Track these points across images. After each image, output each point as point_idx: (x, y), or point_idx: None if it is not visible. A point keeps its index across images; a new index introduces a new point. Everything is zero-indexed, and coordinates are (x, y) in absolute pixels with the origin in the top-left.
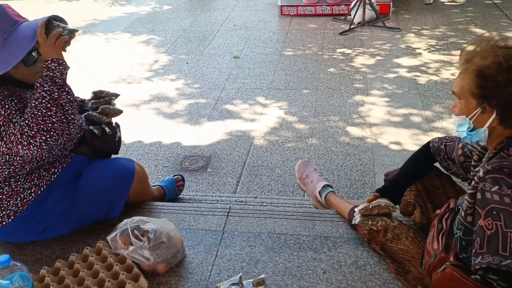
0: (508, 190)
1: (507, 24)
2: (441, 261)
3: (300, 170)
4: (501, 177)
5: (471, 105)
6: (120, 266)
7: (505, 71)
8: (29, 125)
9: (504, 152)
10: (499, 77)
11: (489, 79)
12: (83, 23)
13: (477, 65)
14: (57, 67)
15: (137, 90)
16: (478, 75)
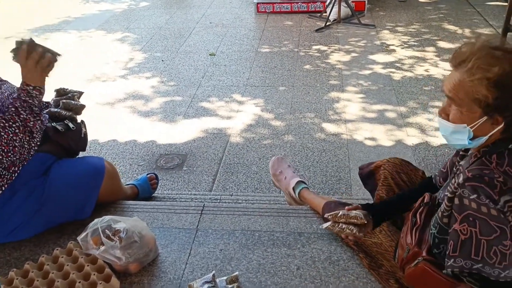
0: (486, 199)
1: (479, 21)
2: (414, 255)
3: (274, 166)
4: (480, 186)
5: (475, 114)
6: (91, 267)
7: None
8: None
9: (486, 159)
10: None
11: (508, 90)
12: (56, 21)
13: (495, 74)
14: (38, 95)
15: (112, 88)
16: (496, 85)
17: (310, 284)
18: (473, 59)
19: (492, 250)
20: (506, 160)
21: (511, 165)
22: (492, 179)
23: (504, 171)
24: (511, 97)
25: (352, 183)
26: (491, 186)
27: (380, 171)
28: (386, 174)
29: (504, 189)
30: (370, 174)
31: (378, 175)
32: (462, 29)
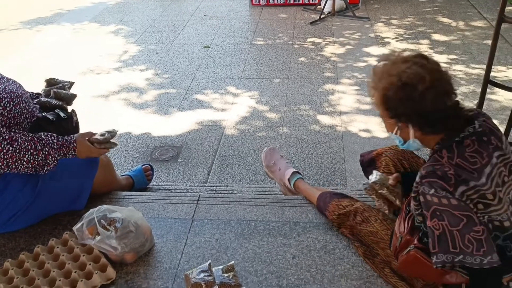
0: (442, 192)
1: (473, 14)
2: (406, 243)
3: (267, 158)
4: (434, 181)
5: (391, 123)
6: (87, 257)
7: (401, 89)
8: (4, 150)
9: (437, 155)
10: (398, 95)
11: (391, 100)
12: (49, 13)
13: (379, 89)
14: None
15: (106, 81)
16: (382, 98)
17: (306, 272)
18: (372, 74)
19: (466, 238)
20: (456, 152)
21: (462, 157)
22: (444, 173)
23: (456, 164)
24: (396, 106)
25: (347, 175)
26: (445, 179)
27: (381, 158)
28: (387, 161)
29: (458, 180)
30: (371, 161)
31: (379, 163)
32: (456, 22)
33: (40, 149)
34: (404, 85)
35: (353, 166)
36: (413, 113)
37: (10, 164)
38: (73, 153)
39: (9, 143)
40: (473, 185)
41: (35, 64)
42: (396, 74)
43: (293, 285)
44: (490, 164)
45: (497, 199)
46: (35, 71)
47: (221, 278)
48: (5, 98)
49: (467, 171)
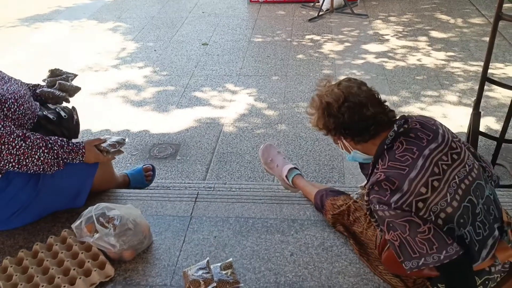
0: (381, 205)
1: (471, 11)
2: (385, 241)
3: (264, 155)
4: (373, 196)
5: (333, 138)
6: (86, 254)
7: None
8: (17, 146)
9: (376, 168)
10: (321, 114)
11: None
12: (47, 10)
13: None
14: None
15: (104, 78)
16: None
17: (304, 269)
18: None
19: (417, 242)
20: (387, 157)
21: (393, 159)
22: (378, 183)
23: (387, 167)
24: (324, 124)
25: (345, 172)
26: (381, 191)
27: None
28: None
29: (392, 189)
30: None
31: None
32: (454, 19)
33: (51, 148)
34: (321, 104)
35: (351, 163)
36: (338, 125)
37: (22, 160)
38: (80, 159)
39: (23, 139)
40: (407, 188)
41: (33, 61)
42: (316, 96)
43: (291, 282)
44: (422, 156)
45: (430, 190)
46: (33, 68)
47: (219, 275)
48: (10, 99)
49: (396, 170)
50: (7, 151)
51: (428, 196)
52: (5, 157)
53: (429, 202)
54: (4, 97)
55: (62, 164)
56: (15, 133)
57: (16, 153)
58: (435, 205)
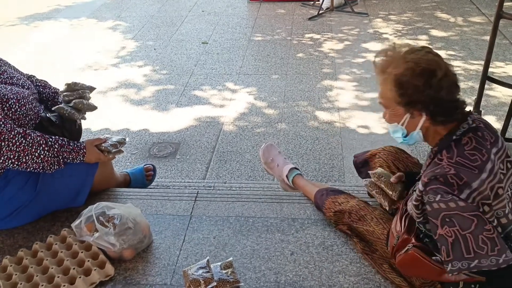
0: (448, 195)
1: (471, 9)
2: (403, 242)
3: (265, 154)
4: (437, 187)
5: (399, 112)
6: (85, 253)
7: (420, 75)
8: (17, 143)
9: (437, 158)
10: (416, 82)
11: (408, 86)
12: (47, 9)
13: (393, 74)
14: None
15: (104, 77)
16: (396, 84)
17: (304, 269)
18: (379, 67)
19: (480, 240)
20: (455, 151)
21: (462, 155)
22: (445, 176)
23: (455, 162)
24: (413, 92)
25: (345, 171)
26: (447, 184)
27: (375, 159)
28: (381, 162)
29: (460, 184)
30: (365, 162)
31: (373, 163)
32: (454, 18)
33: (51, 146)
34: (423, 70)
35: (351, 162)
36: (430, 100)
37: (21, 157)
38: (81, 159)
39: (23, 136)
40: (476, 186)
41: (33, 60)
42: (413, 60)
43: (291, 281)
44: (490, 160)
45: (492, 197)
46: (32, 67)
47: (219, 275)
48: (12, 99)
49: (467, 168)
50: (7, 148)
51: (490, 202)
52: (4, 153)
53: (493, 207)
54: (6, 97)
55: (63, 163)
56: (15, 130)
57: (16, 150)
58: (497, 210)
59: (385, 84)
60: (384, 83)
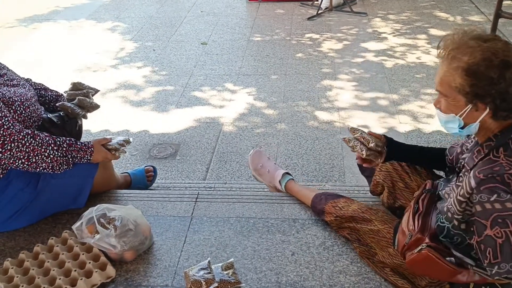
0: (506, 195)
1: (470, 8)
2: (416, 241)
3: (254, 161)
4: (495, 186)
5: (460, 103)
6: (86, 255)
7: (496, 67)
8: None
9: (493, 155)
10: (492, 74)
11: (482, 77)
12: (45, 10)
13: (467, 62)
14: (85, 162)
15: (103, 78)
16: (470, 73)
17: (305, 269)
18: (450, 50)
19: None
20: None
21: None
22: (502, 176)
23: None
24: (485, 84)
25: (345, 170)
26: (505, 184)
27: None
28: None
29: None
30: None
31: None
32: (453, 17)
33: (60, 145)
34: (501, 62)
35: (352, 162)
36: (499, 94)
37: (31, 157)
38: (88, 158)
39: (32, 137)
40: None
41: (32, 61)
42: (490, 49)
43: (292, 281)
44: None
45: None
46: (31, 69)
47: (220, 276)
48: (16, 102)
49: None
50: (17, 149)
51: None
52: (15, 154)
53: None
54: (12, 100)
55: (71, 163)
56: (24, 131)
57: (26, 150)
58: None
59: (453, 72)
60: (452, 71)
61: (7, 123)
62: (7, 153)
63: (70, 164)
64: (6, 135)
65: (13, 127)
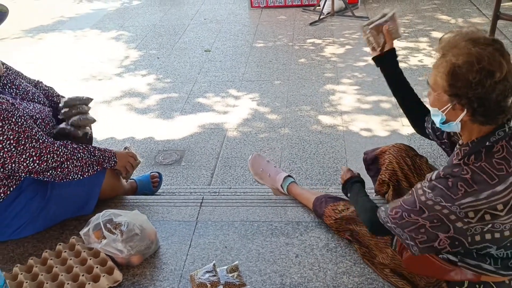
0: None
1: (472, 10)
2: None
3: (254, 166)
4: (440, 188)
5: (443, 99)
6: (94, 260)
7: (476, 72)
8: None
9: (464, 162)
10: (470, 77)
11: (460, 79)
12: (51, 21)
13: (450, 62)
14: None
15: (108, 87)
16: (450, 73)
17: (309, 271)
18: (442, 47)
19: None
20: (483, 158)
21: (489, 162)
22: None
23: (478, 166)
24: (462, 86)
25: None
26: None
27: (385, 156)
28: (391, 159)
29: (468, 191)
30: (375, 159)
31: (382, 160)
32: (455, 19)
33: (85, 147)
34: (482, 69)
35: (355, 165)
36: (477, 99)
37: (64, 165)
38: (114, 160)
39: (64, 146)
40: (485, 196)
41: (38, 71)
42: (476, 54)
43: (296, 283)
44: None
45: (506, 210)
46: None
47: (225, 278)
48: (39, 119)
49: (486, 175)
50: (52, 159)
51: (501, 215)
52: (50, 165)
53: (497, 220)
54: (34, 117)
55: (101, 162)
56: (56, 142)
57: (60, 160)
58: (500, 223)
59: (439, 68)
60: (439, 67)
61: (41, 137)
62: (43, 164)
63: (100, 163)
64: (42, 148)
65: (47, 140)
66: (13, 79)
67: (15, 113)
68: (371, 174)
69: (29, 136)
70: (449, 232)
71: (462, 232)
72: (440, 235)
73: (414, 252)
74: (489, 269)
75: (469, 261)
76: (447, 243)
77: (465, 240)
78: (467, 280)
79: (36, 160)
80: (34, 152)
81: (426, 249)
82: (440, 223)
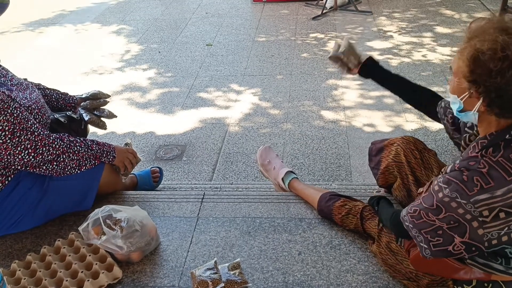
0: (452, 193)
1: (476, 5)
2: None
3: (262, 156)
4: (457, 183)
5: (462, 86)
6: (93, 257)
7: (499, 60)
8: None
9: (481, 154)
10: (491, 65)
11: (481, 65)
12: (51, 14)
13: (474, 47)
14: (108, 160)
15: (109, 81)
16: (472, 58)
17: (312, 268)
18: (469, 32)
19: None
20: (502, 152)
21: (506, 157)
22: (473, 173)
23: (496, 161)
24: (482, 74)
25: (352, 170)
26: (468, 184)
27: (392, 147)
28: (399, 150)
29: (484, 188)
30: (380, 150)
31: (387, 152)
32: (459, 14)
33: (83, 141)
34: (505, 58)
35: (358, 161)
36: (495, 89)
37: (60, 158)
38: (113, 155)
39: (60, 139)
40: (501, 193)
41: (39, 65)
42: (501, 42)
43: (299, 281)
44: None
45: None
46: (38, 72)
47: (227, 276)
48: (35, 110)
49: (503, 171)
50: (48, 152)
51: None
52: (46, 158)
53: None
54: (31, 108)
55: (99, 156)
56: (52, 135)
57: (56, 153)
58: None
59: (462, 53)
60: (463, 51)
61: (37, 129)
62: (38, 157)
63: (98, 157)
64: (38, 141)
65: (42, 132)
66: (5, 73)
67: (11, 104)
68: (372, 165)
69: (24, 128)
70: (465, 236)
71: (479, 237)
72: (456, 238)
73: (425, 255)
74: (499, 269)
75: (478, 259)
76: (463, 248)
77: (482, 246)
78: (477, 279)
79: (32, 152)
80: (29, 144)
81: (439, 252)
82: (457, 224)
